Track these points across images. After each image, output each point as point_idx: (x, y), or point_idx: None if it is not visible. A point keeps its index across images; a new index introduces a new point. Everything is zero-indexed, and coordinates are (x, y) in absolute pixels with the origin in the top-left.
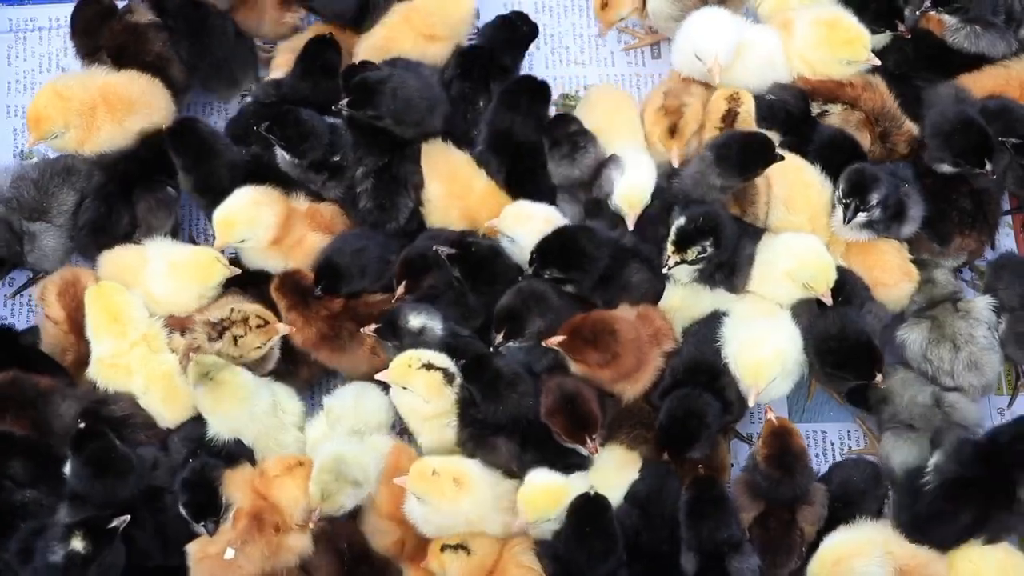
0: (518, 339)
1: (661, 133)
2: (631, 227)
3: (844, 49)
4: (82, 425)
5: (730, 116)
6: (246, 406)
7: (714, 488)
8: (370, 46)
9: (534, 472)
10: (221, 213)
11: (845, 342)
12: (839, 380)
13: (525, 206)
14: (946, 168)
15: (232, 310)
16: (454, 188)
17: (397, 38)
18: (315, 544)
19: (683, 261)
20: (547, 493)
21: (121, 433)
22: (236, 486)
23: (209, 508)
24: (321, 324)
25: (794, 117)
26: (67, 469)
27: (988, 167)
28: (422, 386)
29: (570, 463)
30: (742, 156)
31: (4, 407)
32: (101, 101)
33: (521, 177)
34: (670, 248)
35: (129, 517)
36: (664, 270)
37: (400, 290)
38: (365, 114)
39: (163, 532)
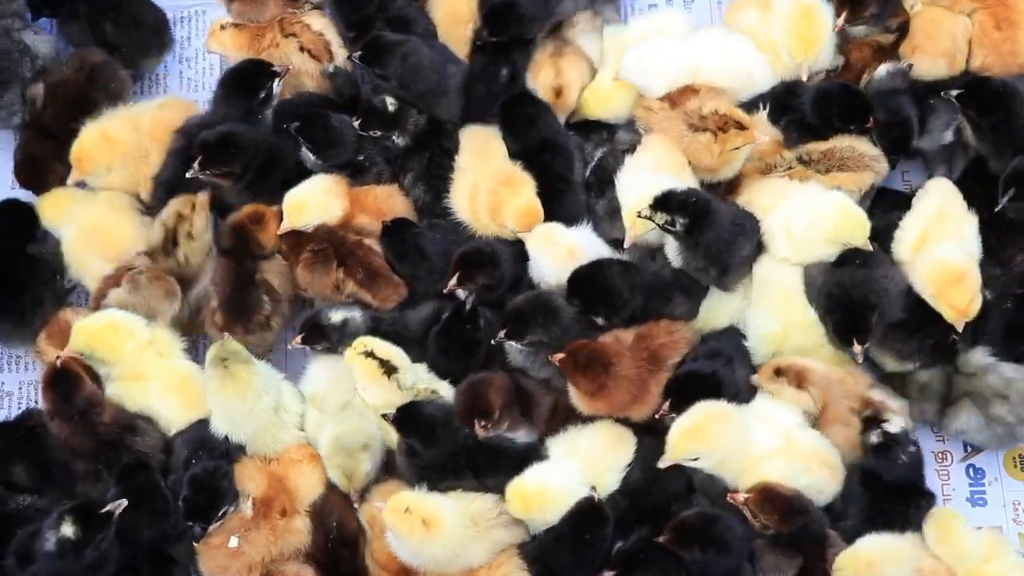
0: (517, 341)
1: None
2: (627, 244)
3: (799, 46)
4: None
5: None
6: (246, 404)
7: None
8: None
9: (528, 471)
10: (294, 198)
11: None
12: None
13: (554, 230)
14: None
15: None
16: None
17: None
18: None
19: (647, 217)
20: (538, 493)
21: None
22: (248, 475)
23: (205, 513)
24: (313, 243)
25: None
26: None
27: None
28: (359, 371)
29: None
30: None
31: None
32: (150, 139)
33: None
34: (651, 200)
35: (126, 502)
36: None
37: (452, 282)
38: (372, 72)
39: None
